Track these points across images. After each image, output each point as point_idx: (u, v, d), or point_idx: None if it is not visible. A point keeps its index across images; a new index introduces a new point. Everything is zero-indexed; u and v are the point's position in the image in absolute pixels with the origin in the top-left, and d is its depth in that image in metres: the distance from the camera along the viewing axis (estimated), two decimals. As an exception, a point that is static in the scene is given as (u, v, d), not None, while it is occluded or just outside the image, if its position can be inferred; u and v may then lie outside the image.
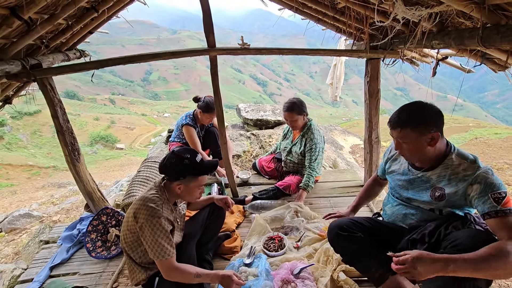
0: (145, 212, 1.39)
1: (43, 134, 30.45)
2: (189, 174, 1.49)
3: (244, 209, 2.52)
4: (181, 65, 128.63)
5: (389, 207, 1.57)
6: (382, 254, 1.45)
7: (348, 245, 1.47)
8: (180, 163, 1.46)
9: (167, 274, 1.43)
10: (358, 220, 1.56)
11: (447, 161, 1.28)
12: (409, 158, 1.39)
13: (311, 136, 2.55)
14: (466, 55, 1.82)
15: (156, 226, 1.39)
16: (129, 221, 1.46)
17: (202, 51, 2.02)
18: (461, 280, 1.08)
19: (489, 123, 18.08)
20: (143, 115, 52.00)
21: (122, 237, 1.53)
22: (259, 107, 5.63)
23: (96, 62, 2.01)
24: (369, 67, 2.27)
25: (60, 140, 2.20)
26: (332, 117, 57.65)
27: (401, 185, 1.48)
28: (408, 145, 1.29)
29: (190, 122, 2.85)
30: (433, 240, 1.26)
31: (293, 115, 2.50)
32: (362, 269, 1.51)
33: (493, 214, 1.09)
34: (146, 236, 1.39)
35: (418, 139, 1.25)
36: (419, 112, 1.26)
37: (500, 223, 1.07)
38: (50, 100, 2.03)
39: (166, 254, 1.40)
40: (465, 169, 1.22)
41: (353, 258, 1.50)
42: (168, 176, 1.53)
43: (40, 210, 5.40)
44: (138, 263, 1.54)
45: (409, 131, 1.25)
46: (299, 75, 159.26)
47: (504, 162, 5.92)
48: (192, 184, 1.52)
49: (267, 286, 1.58)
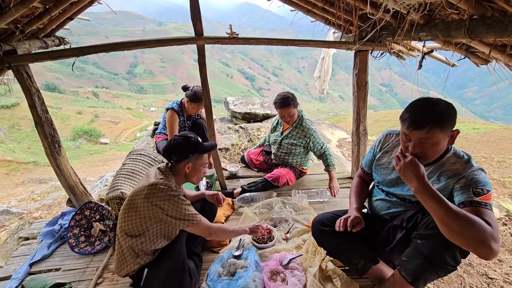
0: (162, 194, 1.41)
1: (22, 128, 29.18)
2: (196, 151, 1.56)
3: (233, 202, 2.50)
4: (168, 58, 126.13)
5: (374, 200, 1.59)
6: (364, 245, 1.50)
7: (330, 240, 1.51)
8: (188, 141, 1.54)
9: (208, 233, 1.56)
10: (340, 215, 1.57)
11: (444, 160, 1.28)
12: (429, 160, 1.27)
13: (306, 126, 2.55)
14: (451, 49, 1.85)
15: (177, 201, 1.44)
16: (138, 206, 1.43)
17: (189, 39, 1.95)
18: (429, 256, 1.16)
19: (468, 119, 18.79)
20: (128, 109, 50.77)
21: (124, 224, 1.48)
22: (248, 100, 5.59)
23: (76, 49, 1.91)
24: (358, 60, 2.28)
25: (38, 132, 2.09)
26: (319, 112, 58.23)
27: (390, 179, 1.47)
28: (434, 145, 1.20)
29: (176, 108, 2.76)
30: (409, 225, 1.30)
31: (290, 109, 2.46)
32: (345, 261, 1.55)
33: (467, 204, 1.10)
34: (171, 211, 1.43)
35: (444, 139, 1.19)
36: (445, 111, 1.16)
37: (473, 212, 1.06)
38: (27, 89, 1.92)
39: (196, 218, 1.49)
40: (457, 168, 1.22)
41: (336, 251, 1.54)
42: (177, 156, 1.54)
43: (20, 206, 5.20)
44: (136, 251, 1.50)
45: (438, 131, 1.15)
46: (287, 70, 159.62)
47: (481, 156, 6.17)
48: (199, 162, 1.59)
49: (256, 277, 1.57)
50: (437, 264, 1.16)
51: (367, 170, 1.69)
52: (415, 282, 1.23)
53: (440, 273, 1.20)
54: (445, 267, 1.16)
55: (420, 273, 1.21)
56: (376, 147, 1.60)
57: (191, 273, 1.58)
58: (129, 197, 1.49)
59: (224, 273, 1.67)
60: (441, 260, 1.15)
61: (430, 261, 1.16)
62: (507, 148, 7.53)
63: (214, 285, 1.54)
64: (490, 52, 1.56)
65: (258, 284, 1.56)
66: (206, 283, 1.60)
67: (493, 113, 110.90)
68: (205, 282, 1.62)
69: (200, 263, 1.82)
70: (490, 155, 6.41)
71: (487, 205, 1.09)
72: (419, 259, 1.20)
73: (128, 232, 1.49)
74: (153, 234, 1.51)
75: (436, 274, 1.21)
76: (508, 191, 3.98)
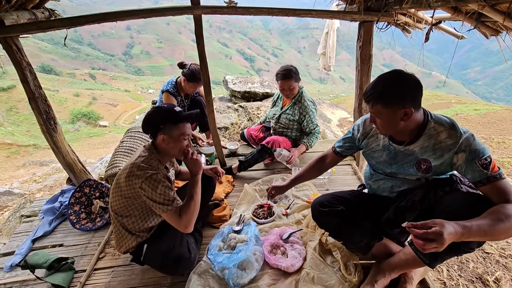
0: (141, 173, 1.35)
1: (20, 111, 28.88)
2: (168, 121, 1.44)
3: (232, 179, 2.49)
4: (165, 38, 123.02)
5: (374, 181, 1.55)
6: (366, 223, 1.47)
7: (330, 220, 1.48)
8: (158, 111, 1.45)
9: (177, 225, 1.41)
10: (340, 195, 1.56)
11: (428, 131, 1.23)
12: (382, 133, 1.33)
13: (304, 104, 2.51)
14: (461, 18, 1.76)
15: (156, 181, 1.36)
16: (122, 186, 1.40)
17: (185, 8, 1.85)
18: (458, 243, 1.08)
19: (469, 99, 18.56)
20: (126, 91, 50.09)
21: (113, 204, 1.47)
22: (247, 79, 5.46)
23: (67, 20, 1.81)
24: (362, 31, 2.17)
25: (33, 108, 2.04)
26: (319, 93, 57.62)
27: (383, 161, 1.43)
28: (381, 121, 1.23)
29: (171, 89, 2.66)
30: (424, 206, 1.26)
31: (291, 82, 2.42)
32: (348, 240, 1.51)
33: (485, 182, 1.10)
34: (148, 193, 1.35)
35: (391, 115, 1.18)
36: (395, 86, 1.16)
37: (493, 188, 1.09)
38: (17, 63, 1.85)
39: (175, 203, 1.39)
40: (447, 137, 1.18)
41: (337, 232, 1.50)
42: (151, 130, 1.47)
43: (22, 188, 5.22)
44: (130, 230, 1.50)
45: (380, 107, 1.18)
46: (287, 50, 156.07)
47: (481, 137, 6.14)
48: (175, 133, 1.45)
49: (257, 250, 1.58)
50: (462, 248, 1.13)
51: (339, 150, 1.67)
52: (432, 263, 1.21)
53: (459, 254, 1.19)
54: (468, 250, 1.14)
55: (440, 255, 1.18)
56: (357, 134, 1.55)
57: (190, 247, 1.58)
58: (116, 177, 1.47)
59: (225, 247, 1.69)
60: (466, 245, 1.11)
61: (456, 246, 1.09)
62: (507, 129, 7.48)
63: (215, 258, 1.56)
64: (504, 20, 1.48)
65: (259, 258, 1.57)
66: (207, 257, 1.61)
67: (495, 94, 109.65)
68: (206, 255, 1.63)
69: (200, 238, 1.83)
70: (490, 136, 6.38)
71: (500, 175, 1.09)
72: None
73: (117, 212, 1.48)
74: (142, 213, 1.50)
75: (454, 255, 1.20)
76: (506, 171, 4.00)
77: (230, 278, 1.45)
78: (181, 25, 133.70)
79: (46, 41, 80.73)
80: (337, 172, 2.57)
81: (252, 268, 1.51)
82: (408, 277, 1.40)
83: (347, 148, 1.64)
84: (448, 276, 1.70)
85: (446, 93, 30.97)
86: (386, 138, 1.41)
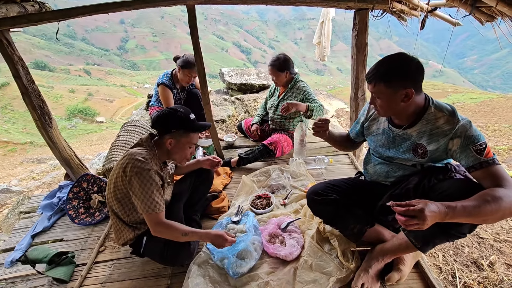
0: (133, 165, 1.34)
1: (15, 109, 28.55)
2: (181, 128, 1.46)
3: (230, 171, 2.50)
4: (160, 32, 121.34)
5: (371, 166, 1.57)
6: (358, 210, 1.49)
7: (323, 208, 1.51)
8: (174, 114, 1.44)
9: (154, 229, 1.38)
10: (334, 183, 1.58)
11: (427, 116, 1.24)
12: (382, 114, 1.35)
13: (299, 85, 2.53)
14: (456, 4, 1.75)
15: (146, 178, 1.34)
16: (117, 178, 1.40)
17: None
18: (447, 227, 1.12)
19: (466, 88, 18.55)
20: (122, 86, 49.56)
21: (110, 196, 1.47)
22: (243, 71, 5.42)
23: (57, 12, 1.78)
24: (357, 19, 2.16)
25: (27, 104, 2.02)
26: (317, 85, 57.31)
27: (381, 144, 1.46)
28: (381, 101, 1.25)
29: (167, 81, 2.64)
30: (418, 194, 1.27)
31: (274, 71, 2.47)
32: (341, 227, 1.55)
33: (478, 167, 1.11)
34: (135, 188, 1.34)
35: (391, 95, 1.20)
36: (398, 66, 1.17)
37: (485, 173, 1.09)
38: (9, 58, 1.82)
39: (156, 208, 1.35)
40: (444, 123, 1.19)
41: (331, 219, 1.54)
42: (161, 128, 1.47)
43: (20, 186, 5.21)
44: (126, 222, 1.51)
45: (382, 87, 1.20)
46: (283, 42, 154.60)
47: (477, 125, 6.17)
48: (184, 140, 1.48)
49: (256, 240, 1.60)
50: (452, 233, 1.14)
51: (352, 136, 1.72)
52: (424, 248, 1.24)
53: (450, 240, 1.21)
54: (458, 235, 1.15)
55: (431, 240, 1.21)
56: (365, 115, 1.58)
57: None
58: (112, 170, 1.47)
59: (224, 237, 1.70)
60: (456, 230, 1.13)
61: (445, 230, 1.14)
62: (503, 117, 7.51)
63: (214, 248, 1.57)
64: (496, 4, 1.47)
65: (257, 247, 1.59)
66: (206, 247, 1.63)
67: (491, 82, 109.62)
68: (205, 246, 1.65)
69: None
70: (486, 124, 6.42)
71: (494, 160, 1.09)
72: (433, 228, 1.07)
73: (112, 204, 1.48)
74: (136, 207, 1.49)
75: (446, 240, 1.21)
76: (501, 158, 4.04)
77: (229, 267, 1.47)
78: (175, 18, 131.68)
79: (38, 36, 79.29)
80: (334, 162, 2.59)
81: (251, 257, 1.53)
82: (400, 259, 1.43)
83: (355, 133, 1.67)
84: (443, 261, 1.73)
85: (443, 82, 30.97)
86: (386, 122, 1.43)
